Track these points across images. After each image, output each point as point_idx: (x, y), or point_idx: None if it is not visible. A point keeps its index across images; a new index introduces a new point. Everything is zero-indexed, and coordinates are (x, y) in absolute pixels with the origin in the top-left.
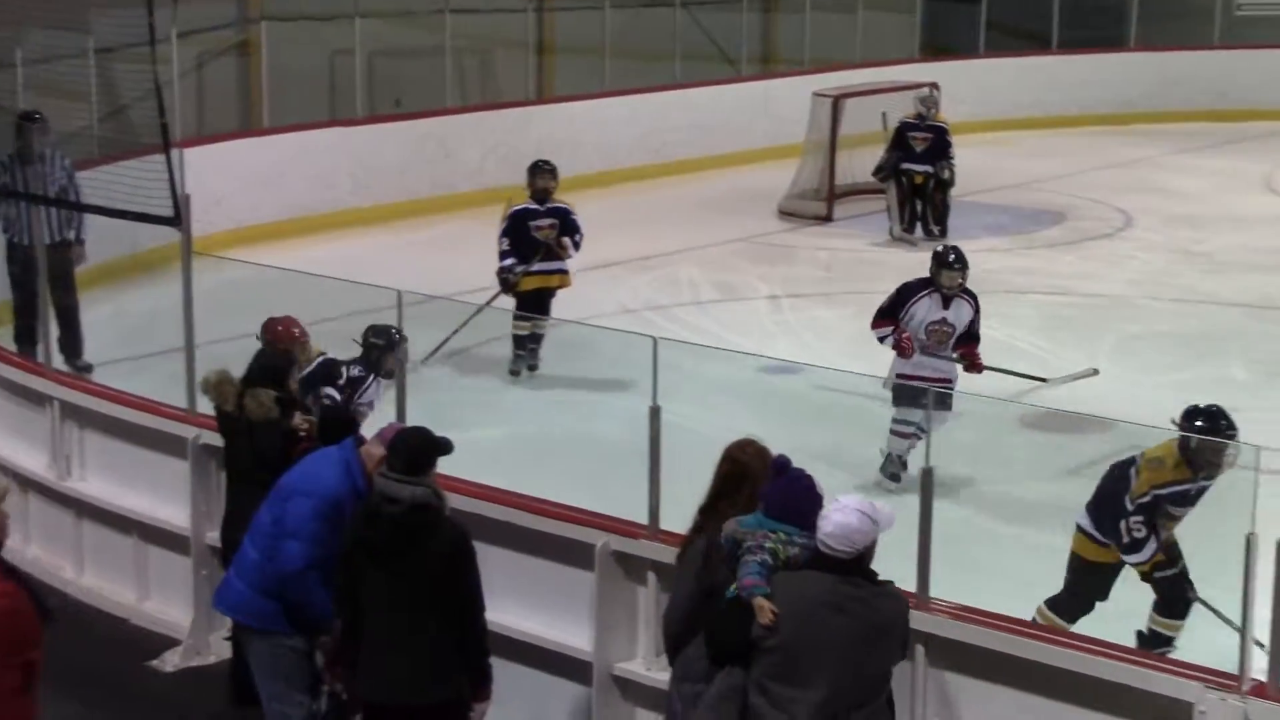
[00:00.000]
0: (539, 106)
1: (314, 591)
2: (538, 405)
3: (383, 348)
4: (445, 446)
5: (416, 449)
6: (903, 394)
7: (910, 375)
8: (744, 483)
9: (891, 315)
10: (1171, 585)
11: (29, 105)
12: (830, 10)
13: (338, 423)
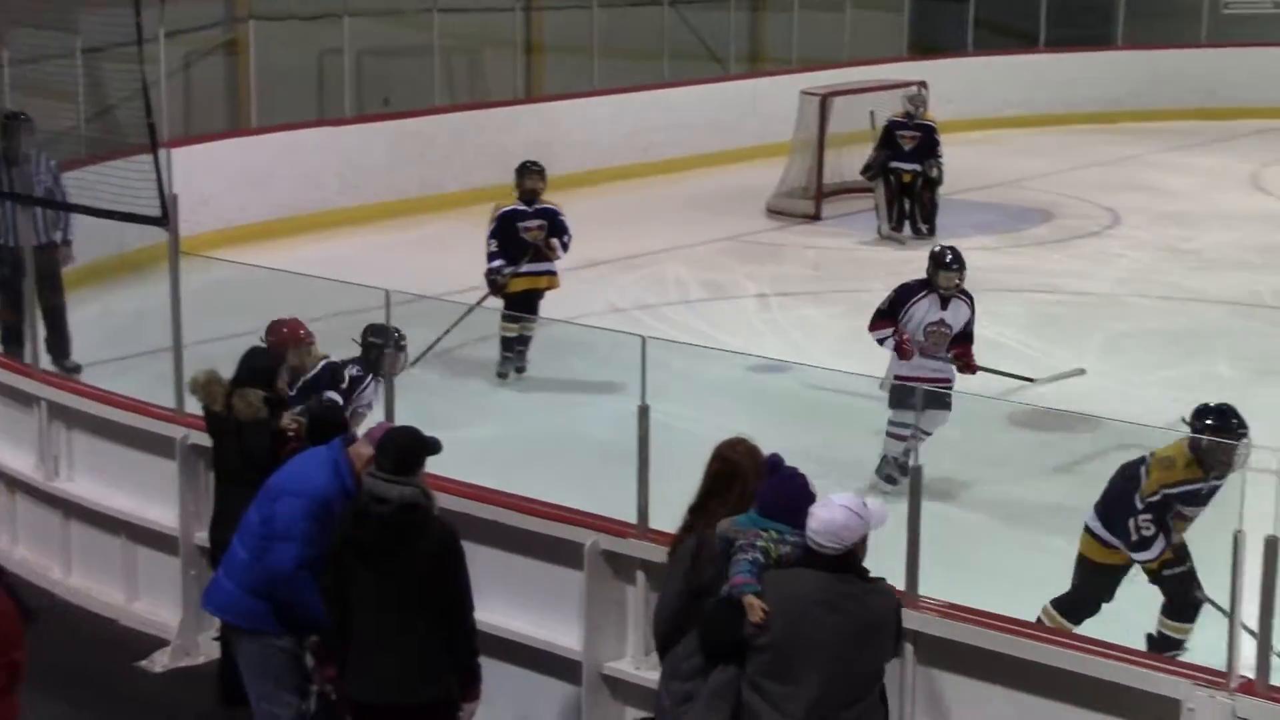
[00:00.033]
0: (527, 106)
1: (306, 592)
2: (527, 404)
3: (383, 348)
4: (434, 446)
5: (405, 449)
6: (900, 396)
7: (908, 376)
8: (734, 482)
9: (890, 317)
10: (1180, 584)
11: (15, 105)
12: (818, 9)
13: (326, 422)
